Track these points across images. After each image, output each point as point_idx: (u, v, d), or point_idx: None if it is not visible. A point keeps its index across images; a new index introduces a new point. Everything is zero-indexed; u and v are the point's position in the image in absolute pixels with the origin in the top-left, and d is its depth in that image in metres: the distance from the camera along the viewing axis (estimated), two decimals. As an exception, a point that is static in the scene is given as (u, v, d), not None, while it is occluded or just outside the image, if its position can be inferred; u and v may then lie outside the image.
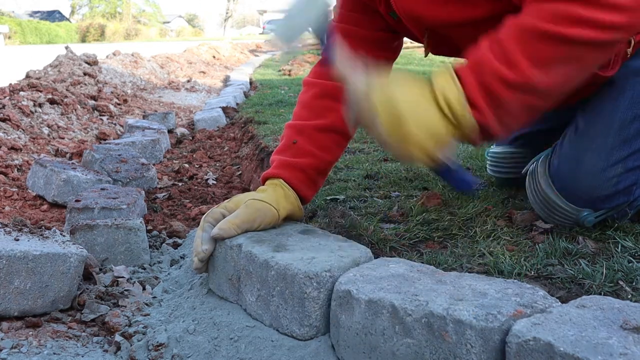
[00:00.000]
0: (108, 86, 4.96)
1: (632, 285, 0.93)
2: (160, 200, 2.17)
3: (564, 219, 1.20)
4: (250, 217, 1.15)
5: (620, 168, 1.13)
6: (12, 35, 31.40)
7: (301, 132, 1.29)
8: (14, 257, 1.13)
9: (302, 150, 1.27)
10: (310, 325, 1.00)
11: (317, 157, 1.28)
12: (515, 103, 0.95)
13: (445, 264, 1.09)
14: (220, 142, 3.33)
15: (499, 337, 0.76)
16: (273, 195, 1.21)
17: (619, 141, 1.12)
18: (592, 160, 1.14)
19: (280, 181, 1.24)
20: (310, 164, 1.27)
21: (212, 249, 1.16)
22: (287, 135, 1.32)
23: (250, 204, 1.17)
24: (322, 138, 1.29)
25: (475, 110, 0.94)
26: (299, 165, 1.26)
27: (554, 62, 0.92)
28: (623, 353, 0.66)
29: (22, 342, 1.07)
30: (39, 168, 2.09)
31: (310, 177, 1.29)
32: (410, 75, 1.00)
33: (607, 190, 1.13)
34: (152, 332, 1.13)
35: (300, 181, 1.26)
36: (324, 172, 1.33)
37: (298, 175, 1.25)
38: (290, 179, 1.24)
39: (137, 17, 50.05)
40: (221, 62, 10.16)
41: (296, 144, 1.27)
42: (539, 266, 1.03)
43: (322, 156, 1.29)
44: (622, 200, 1.15)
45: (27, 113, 3.12)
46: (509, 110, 0.95)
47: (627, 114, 1.12)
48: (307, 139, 1.28)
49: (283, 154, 1.29)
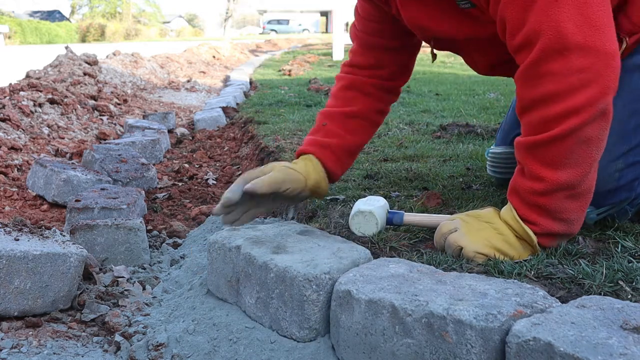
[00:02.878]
0: (108, 86, 4.96)
1: (632, 285, 0.93)
2: (160, 200, 2.17)
3: None
4: (279, 179, 1.28)
5: (621, 163, 1.17)
6: (12, 35, 31.40)
7: (330, 117, 1.46)
8: (14, 257, 1.13)
9: (331, 131, 1.43)
10: (309, 327, 1.00)
11: (344, 139, 1.43)
12: (561, 202, 1.04)
13: (445, 264, 1.09)
14: (220, 142, 3.33)
15: (499, 337, 0.76)
16: (303, 167, 1.36)
17: (618, 137, 1.15)
18: None
19: (311, 156, 1.40)
20: (338, 144, 1.42)
21: (235, 198, 1.25)
22: (318, 120, 1.48)
23: (282, 169, 1.31)
24: (349, 122, 1.45)
25: (532, 224, 1.07)
26: (328, 144, 1.41)
27: (567, 156, 1.01)
28: (623, 353, 0.66)
29: (22, 342, 1.07)
30: (39, 168, 2.09)
31: (338, 155, 1.44)
32: None
33: (609, 186, 1.18)
34: (152, 332, 1.13)
35: (328, 158, 1.41)
36: (352, 152, 1.48)
37: (326, 152, 1.41)
38: (320, 155, 1.40)
39: (137, 17, 50.03)
40: (221, 62, 10.17)
41: (325, 126, 1.44)
42: (539, 266, 1.03)
43: (349, 138, 1.44)
44: (624, 196, 1.19)
45: (27, 113, 3.12)
46: (560, 210, 1.05)
47: (624, 110, 1.16)
48: (336, 122, 1.44)
49: (314, 134, 1.45)
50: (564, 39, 0.97)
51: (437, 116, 3.21)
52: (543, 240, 1.08)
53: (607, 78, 0.97)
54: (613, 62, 0.98)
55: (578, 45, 0.96)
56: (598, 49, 0.96)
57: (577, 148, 1.00)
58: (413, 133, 2.65)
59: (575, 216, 1.07)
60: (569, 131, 0.98)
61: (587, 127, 0.98)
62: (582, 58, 0.96)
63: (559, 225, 1.06)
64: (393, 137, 2.55)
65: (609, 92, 0.98)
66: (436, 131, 2.71)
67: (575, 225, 1.08)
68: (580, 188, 1.03)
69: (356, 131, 1.46)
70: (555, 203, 1.04)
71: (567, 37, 0.96)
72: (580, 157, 1.01)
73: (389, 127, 2.79)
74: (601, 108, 0.98)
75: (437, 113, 3.33)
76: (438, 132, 2.66)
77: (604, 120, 1.00)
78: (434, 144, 2.41)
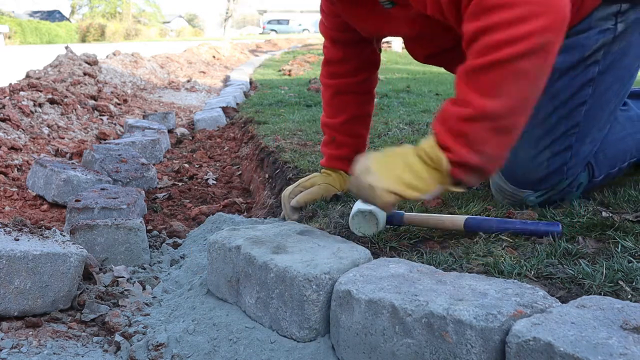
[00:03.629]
0: (108, 86, 4.96)
1: (632, 285, 0.93)
2: (160, 200, 2.17)
3: (512, 199, 1.40)
4: (320, 194, 1.56)
5: (547, 153, 1.32)
6: (12, 35, 31.38)
7: (335, 130, 1.62)
8: (14, 257, 1.13)
9: (341, 143, 1.61)
10: (309, 327, 1.00)
11: (354, 145, 1.61)
12: (483, 133, 1.05)
13: (445, 264, 1.09)
14: (220, 142, 3.33)
15: (499, 337, 0.76)
16: (336, 180, 1.59)
17: (544, 131, 1.31)
18: (524, 150, 1.33)
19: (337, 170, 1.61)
20: (350, 151, 1.58)
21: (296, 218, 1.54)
22: (327, 133, 1.65)
23: (323, 187, 1.57)
24: (350, 127, 1.61)
25: (447, 152, 1.07)
26: (345, 156, 1.58)
27: (499, 86, 1.02)
28: (623, 353, 0.66)
29: (22, 342, 1.07)
30: (39, 168, 2.09)
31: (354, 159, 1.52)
32: None
33: (541, 173, 1.33)
34: (152, 332, 1.13)
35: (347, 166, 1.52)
36: (364, 147, 1.65)
37: (345, 163, 1.57)
38: (343, 167, 1.59)
39: (137, 17, 50.01)
40: (221, 62, 10.17)
41: (335, 140, 1.61)
42: (539, 266, 1.03)
43: (357, 141, 1.63)
44: (557, 179, 1.34)
45: (27, 113, 3.12)
46: (480, 141, 1.05)
47: (548, 107, 1.30)
48: (342, 133, 1.61)
49: (329, 147, 1.63)
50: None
51: (437, 116, 3.20)
52: (455, 171, 1.07)
53: (553, 17, 0.98)
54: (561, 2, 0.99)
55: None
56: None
57: (510, 79, 1.01)
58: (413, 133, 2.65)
59: (494, 152, 1.07)
60: (505, 58, 0.99)
61: (524, 58, 0.99)
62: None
63: (475, 157, 1.06)
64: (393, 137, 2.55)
65: (552, 30, 0.99)
66: (436, 131, 2.70)
67: (492, 164, 1.09)
68: (505, 122, 1.04)
69: (359, 131, 1.63)
70: (477, 132, 1.04)
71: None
72: (512, 89, 1.01)
73: (389, 127, 2.79)
74: (541, 42, 0.98)
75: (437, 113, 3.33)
76: (438, 132, 2.66)
77: (543, 59, 1.01)
78: (434, 144, 2.40)
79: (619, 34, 1.29)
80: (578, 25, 1.29)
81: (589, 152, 1.36)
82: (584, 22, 1.29)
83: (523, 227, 1.20)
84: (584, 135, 1.33)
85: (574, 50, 1.29)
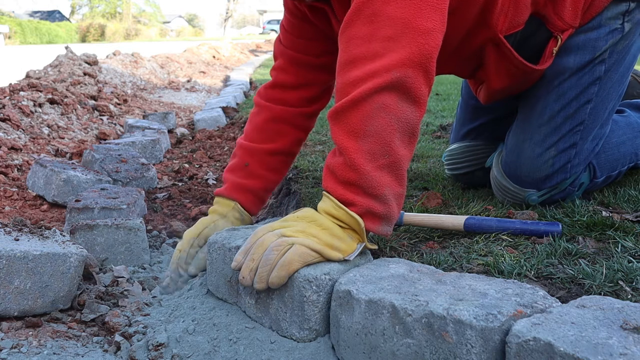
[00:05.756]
0: (108, 86, 4.96)
1: (632, 285, 0.93)
2: (160, 200, 2.17)
3: (513, 198, 1.41)
4: None
5: (553, 151, 1.34)
6: (12, 35, 31.40)
7: (252, 155, 1.42)
8: (14, 257, 1.13)
9: (253, 173, 1.41)
10: (310, 328, 1.00)
11: (266, 179, 1.43)
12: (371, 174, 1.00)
13: (445, 264, 1.09)
14: (220, 142, 3.33)
15: (499, 337, 0.76)
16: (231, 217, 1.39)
17: (550, 129, 1.33)
18: (530, 148, 1.36)
19: (235, 204, 1.40)
20: (260, 186, 1.42)
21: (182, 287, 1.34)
22: (240, 156, 1.44)
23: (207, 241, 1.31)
24: (271, 161, 1.43)
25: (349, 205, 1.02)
26: (251, 187, 1.41)
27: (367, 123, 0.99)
28: (623, 353, 0.66)
29: (22, 342, 1.07)
30: (39, 168, 2.09)
31: (260, 197, 1.46)
32: None
33: (546, 171, 1.34)
34: (152, 332, 1.13)
35: (251, 202, 1.43)
36: (271, 190, 1.48)
37: (249, 197, 1.41)
38: (244, 202, 1.41)
39: (137, 17, 50.04)
40: (221, 62, 10.17)
41: (248, 166, 1.41)
42: (539, 266, 1.03)
43: (271, 177, 1.44)
44: (560, 178, 1.35)
45: (27, 113, 3.12)
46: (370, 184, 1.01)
47: (555, 106, 1.33)
48: (258, 162, 1.42)
49: (235, 173, 1.42)
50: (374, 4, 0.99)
51: (437, 116, 3.21)
52: (367, 221, 1.03)
53: (410, 51, 0.97)
54: (420, 39, 0.98)
55: (388, 15, 0.98)
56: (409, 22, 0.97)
57: (375, 115, 0.99)
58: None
59: (389, 192, 1.03)
60: (364, 94, 0.98)
61: (381, 93, 0.98)
62: (389, 27, 0.98)
63: (376, 204, 1.02)
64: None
65: (409, 65, 0.97)
66: (436, 131, 2.71)
67: (392, 205, 1.04)
68: (386, 160, 1.01)
69: (278, 169, 1.46)
70: (366, 176, 1.00)
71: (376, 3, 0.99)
72: (379, 125, 0.99)
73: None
74: (396, 77, 0.97)
75: (437, 113, 3.33)
76: (438, 132, 2.66)
77: (402, 93, 0.99)
78: (434, 144, 2.41)
79: (625, 34, 1.30)
80: (589, 23, 1.29)
81: (591, 150, 1.38)
82: (594, 20, 1.29)
83: (523, 227, 1.20)
84: (588, 133, 1.35)
85: (585, 50, 1.30)
